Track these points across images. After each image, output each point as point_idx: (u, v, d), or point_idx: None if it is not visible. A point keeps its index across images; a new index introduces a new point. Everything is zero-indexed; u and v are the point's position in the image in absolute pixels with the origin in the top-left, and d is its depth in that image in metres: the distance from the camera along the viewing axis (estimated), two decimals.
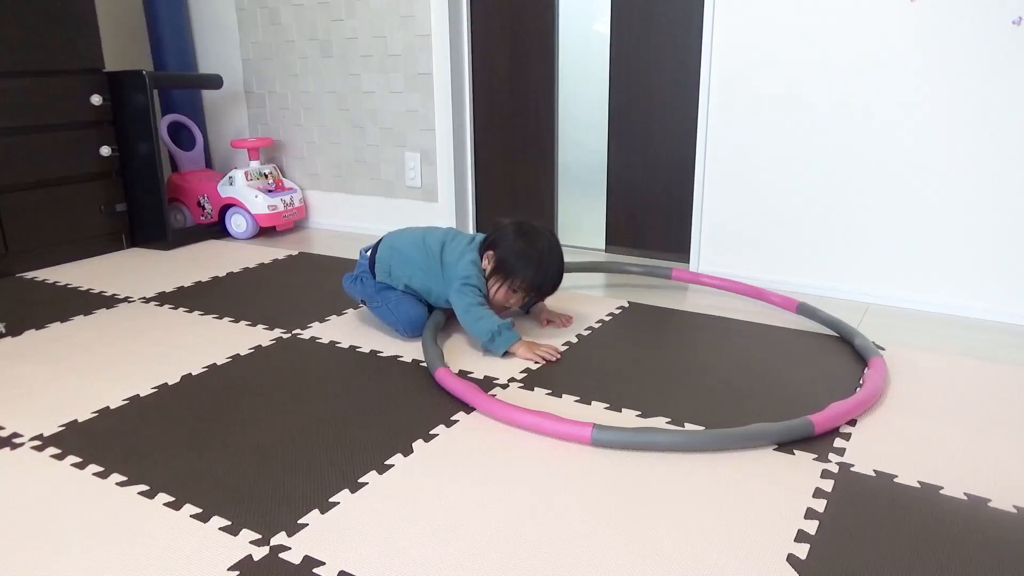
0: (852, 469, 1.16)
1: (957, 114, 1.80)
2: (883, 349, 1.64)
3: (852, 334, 1.65)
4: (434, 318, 1.72)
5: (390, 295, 1.74)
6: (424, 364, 1.58)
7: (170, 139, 2.88)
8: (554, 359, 1.59)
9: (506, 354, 1.60)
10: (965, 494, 1.09)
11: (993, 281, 1.85)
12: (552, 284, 1.70)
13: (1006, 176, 1.78)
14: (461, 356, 1.63)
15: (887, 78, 1.86)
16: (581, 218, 2.61)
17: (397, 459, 1.20)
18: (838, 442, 1.24)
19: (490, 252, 1.68)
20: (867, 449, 1.22)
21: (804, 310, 1.83)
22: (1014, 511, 1.05)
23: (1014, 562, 0.94)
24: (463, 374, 1.53)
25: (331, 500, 1.09)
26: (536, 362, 1.57)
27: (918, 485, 1.11)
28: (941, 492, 1.10)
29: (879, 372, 1.45)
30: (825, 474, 1.14)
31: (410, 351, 1.66)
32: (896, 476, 1.14)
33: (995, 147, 1.78)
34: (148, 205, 2.64)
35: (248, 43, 2.96)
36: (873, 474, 1.14)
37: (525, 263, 1.65)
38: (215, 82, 2.86)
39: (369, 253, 1.82)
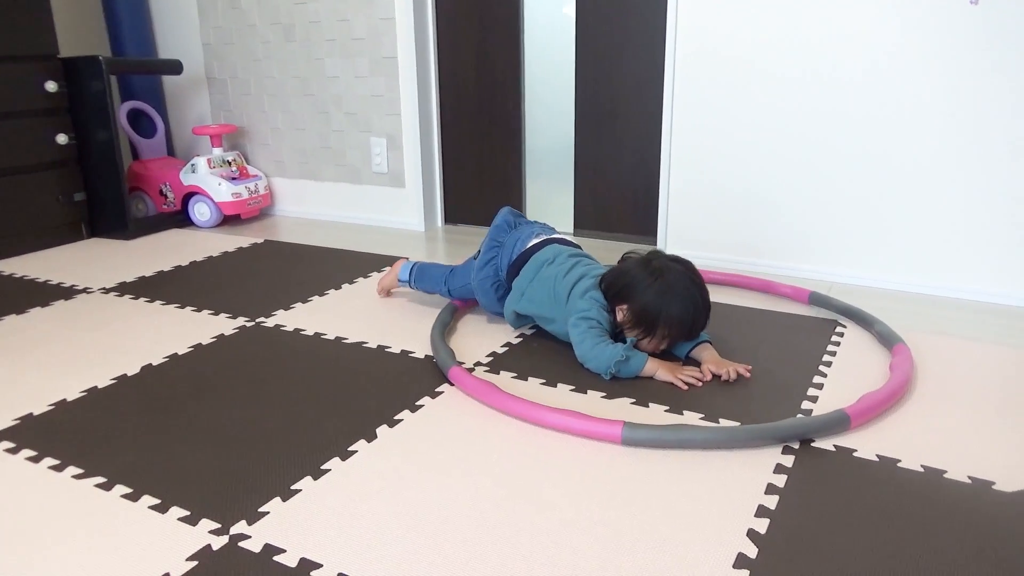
0: (812, 444, 1.17)
1: (923, 93, 1.82)
2: (845, 326, 1.66)
3: (871, 321, 1.62)
4: (440, 317, 1.66)
5: (464, 281, 1.70)
6: (390, 350, 1.58)
7: (130, 126, 2.82)
8: (700, 384, 1.38)
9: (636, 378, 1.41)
10: (922, 466, 1.11)
11: (960, 259, 1.88)
12: (702, 323, 1.45)
13: (972, 154, 1.81)
14: (428, 340, 1.62)
15: (853, 60, 1.87)
16: (549, 202, 2.61)
17: (361, 445, 1.19)
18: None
19: (623, 306, 1.44)
20: None
21: (816, 299, 1.79)
22: (968, 481, 1.07)
23: (969, 529, 0.96)
24: (428, 358, 1.52)
25: (293, 488, 1.07)
26: (682, 387, 1.37)
27: (876, 459, 1.13)
28: (899, 465, 1.11)
29: (906, 359, 1.42)
30: (786, 450, 1.15)
31: (375, 337, 1.65)
32: (855, 450, 1.15)
33: (959, 125, 1.80)
34: (108, 194, 2.58)
35: (209, 27, 2.90)
36: (833, 449, 1.16)
37: (664, 310, 1.39)
38: (175, 67, 2.80)
39: (508, 263, 1.63)
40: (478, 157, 2.66)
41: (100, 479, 1.11)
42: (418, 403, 1.33)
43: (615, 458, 1.14)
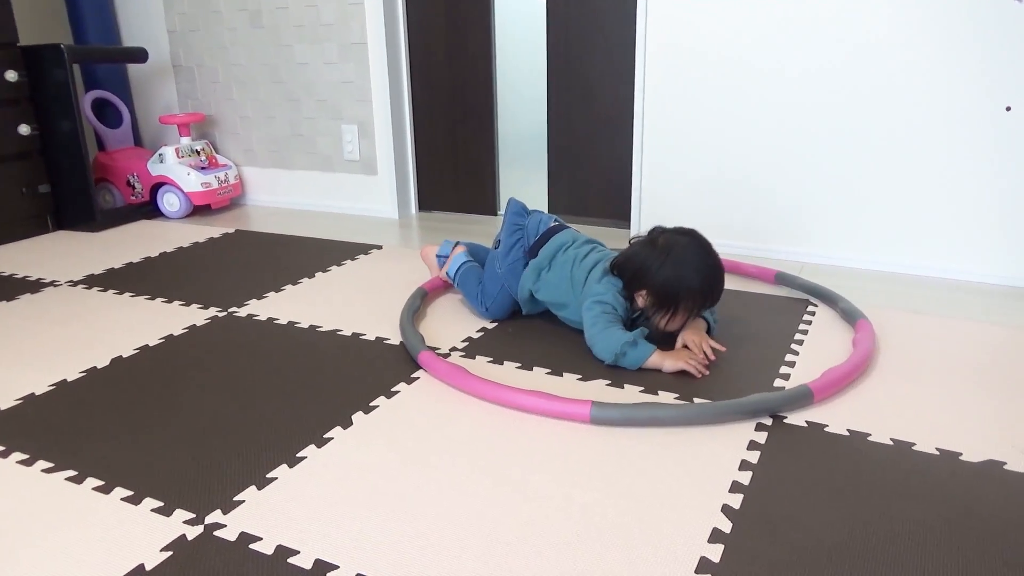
0: (785, 421, 1.18)
1: (892, 77, 1.84)
2: (816, 305, 1.68)
3: (835, 299, 1.65)
4: (410, 303, 1.65)
5: (496, 289, 1.62)
6: (365, 337, 1.57)
7: (95, 116, 2.76)
8: (707, 368, 1.37)
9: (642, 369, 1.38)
10: (891, 439, 1.13)
11: (932, 239, 1.91)
12: (721, 286, 1.43)
13: (942, 137, 1.83)
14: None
15: (825, 42, 1.89)
16: (523, 188, 2.60)
17: (336, 432, 1.19)
18: None
19: (642, 291, 1.42)
20: None
21: (782, 279, 1.81)
22: (936, 453, 1.09)
23: (936, 498, 0.98)
24: (403, 345, 1.52)
25: (268, 476, 1.07)
26: (696, 374, 1.35)
27: (847, 433, 1.15)
28: (869, 439, 1.13)
29: (867, 334, 1.44)
30: (759, 427, 1.17)
31: (349, 324, 1.64)
32: (827, 426, 1.17)
33: (930, 107, 1.82)
34: (74, 186, 2.53)
35: (174, 14, 2.85)
36: (805, 425, 1.17)
37: (683, 285, 1.38)
38: (139, 55, 2.74)
39: (531, 245, 1.60)
40: (451, 143, 2.64)
41: (71, 472, 1.09)
42: (394, 389, 1.33)
43: (590, 438, 1.15)
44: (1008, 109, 1.74)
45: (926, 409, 1.22)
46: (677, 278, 1.38)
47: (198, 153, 2.77)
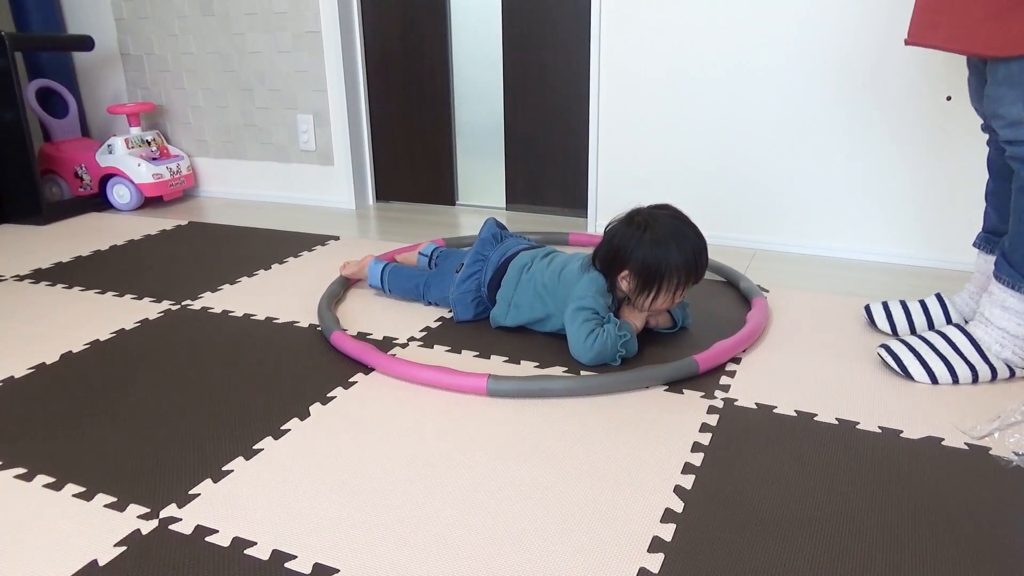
0: (736, 404, 1.22)
1: (832, 72, 1.89)
2: (767, 291, 1.72)
3: (738, 278, 1.73)
4: (329, 289, 1.68)
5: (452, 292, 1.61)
6: (321, 328, 1.56)
7: (39, 106, 2.68)
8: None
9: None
10: (837, 419, 1.17)
11: (863, 226, 1.97)
12: (705, 259, 1.39)
13: (870, 137, 1.89)
14: (359, 318, 1.61)
15: (772, 34, 1.92)
16: (481, 177, 2.61)
17: (294, 423, 1.18)
18: (724, 379, 1.30)
19: (624, 271, 1.38)
20: (750, 384, 1.29)
21: None
22: (879, 431, 1.13)
23: (880, 476, 1.02)
24: (362, 336, 1.52)
25: (224, 469, 1.06)
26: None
27: (795, 414, 1.18)
28: (815, 419, 1.17)
29: (760, 311, 1.52)
30: (711, 410, 1.20)
31: (306, 316, 1.63)
32: (775, 407, 1.21)
33: (861, 110, 1.88)
34: (18, 178, 2.46)
35: (121, 1, 2.77)
36: (755, 407, 1.21)
37: (664, 260, 1.34)
38: (85, 44, 2.67)
39: (489, 278, 1.56)
40: (408, 133, 2.63)
41: (20, 470, 1.07)
42: (351, 380, 1.33)
43: (541, 419, 1.16)
44: (948, 99, 1.80)
45: (867, 389, 1.26)
46: (659, 254, 1.34)
47: (149, 144, 2.71)
